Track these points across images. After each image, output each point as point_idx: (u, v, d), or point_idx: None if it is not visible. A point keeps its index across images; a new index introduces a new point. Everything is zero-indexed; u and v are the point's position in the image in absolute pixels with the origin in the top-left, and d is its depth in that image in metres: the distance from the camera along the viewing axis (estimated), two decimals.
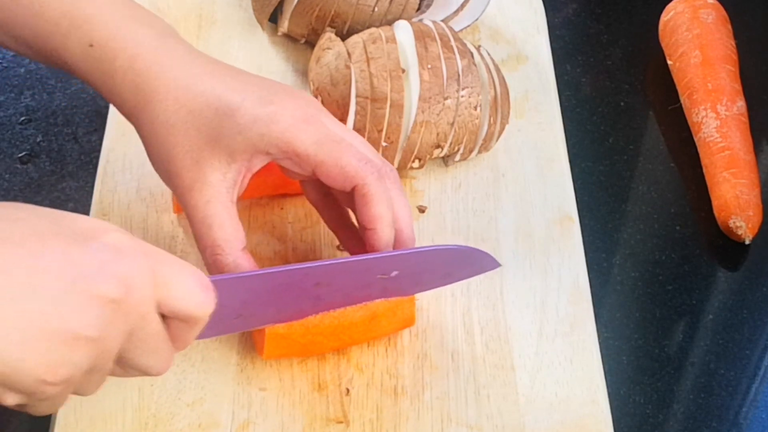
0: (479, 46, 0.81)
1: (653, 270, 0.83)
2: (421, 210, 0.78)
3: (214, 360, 0.68)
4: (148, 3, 0.87)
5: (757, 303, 0.82)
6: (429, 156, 0.77)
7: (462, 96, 0.76)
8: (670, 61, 0.95)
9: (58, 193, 0.85)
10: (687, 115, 0.91)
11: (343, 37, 0.82)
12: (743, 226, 0.83)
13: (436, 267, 0.67)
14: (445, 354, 0.70)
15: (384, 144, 0.75)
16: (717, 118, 0.88)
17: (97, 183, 0.77)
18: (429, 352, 0.70)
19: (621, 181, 0.89)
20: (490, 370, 0.69)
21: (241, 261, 0.63)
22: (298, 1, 0.83)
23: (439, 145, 0.77)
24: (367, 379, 0.68)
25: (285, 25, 0.85)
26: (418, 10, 0.86)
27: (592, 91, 0.96)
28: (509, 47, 0.90)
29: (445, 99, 0.76)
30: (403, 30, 0.78)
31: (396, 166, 0.77)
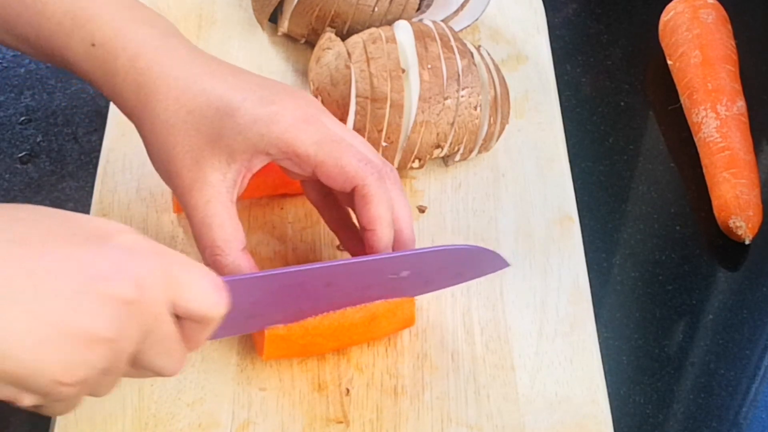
0: (479, 46, 0.81)
1: (653, 270, 0.83)
2: (421, 210, 0.78)
3: (214, 360, 0.68)
4: (149, 3, 0.87)
5: (757, 303, 0.82)
6: (429, 156, 0.77)
7: (462, 96, 0.76)
8: (670, 61, 0.95)
9: (58, 193, 0.85)
10: (687, 115, 0.91)
11: (343, 37, 0.82)
12: (743, 226, 0.83)
13: (446, 267, 0.67)
14: (445, 354, 0.70)
15: (384, 144, 0.75)
16: (717, 118, 0.88)
17: (97, 183, 0.77)
18: (429, 352, 0.70)
19: (621, 181, 0.89)
20: (490, 370, 0.69)
21: (241, 261, 0.63)
22: (298, 1, 0.83)
23: (439, 145, 0.77)
24: (367, 379, 0.68)
25: (285, 25, 0.85)
26: (418, 10, 0.86)
27: (592, 91, 0.96)
28: (509, 47, 0.90)
29: (445, 99, 0.76)
30: (403, 30, 0.78)
31: (396, 166, 0.77)
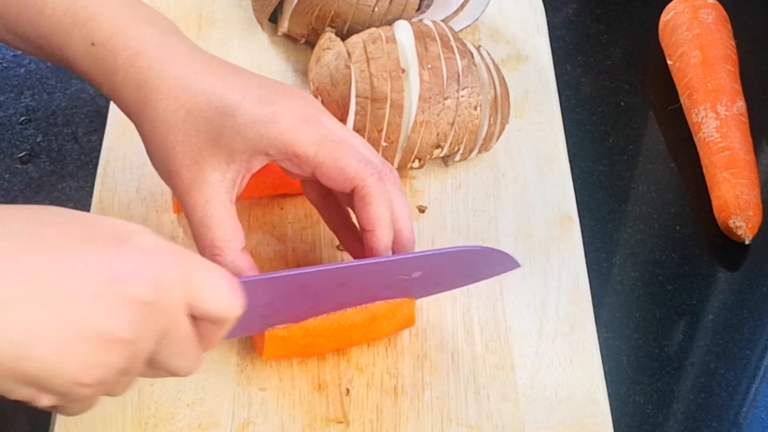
0: (479, 46, 0.81)
1: (653, 270, 0.83)
2: (421, 210, 0.78)
3: (214, 360, 0.68)
4: (148, 3, 0.87)
5: (757, 303, 0.82)
6: (429, 156, 0.77)
7: (462, 96, 0.76)
8: (670, 61, 0.95)
9: (58, 193, 0.85)
10: (687, 115, 0.91)
11: (343, 37, 0.82)
12: (743, 226, 0.83)
13: (457, 268, 0.68)
14: (445, 354, 0.70)
15: (384, 144, 0.75)
16: (717, 118, 0.88)
17: (97, 183, 0.77)
18: (429, 352, 0.70)
19: (621, 181, 0.89)
20: (490, 370, 0.69)
21: (240, 261, 0.63)
22: (298, 1, 0.83)
23: (439, 145, 0.77)
24: (367, 379, 0.68)
25: (285, 25, 0.85)
26: (418, 10, 0.86)
27: (592, 91, 0.96)
28: (509, 47, 0.90)
29: (445, 99, 0.76)
30: (403, 30, 0.78)
31: (396, 166, 0.77)
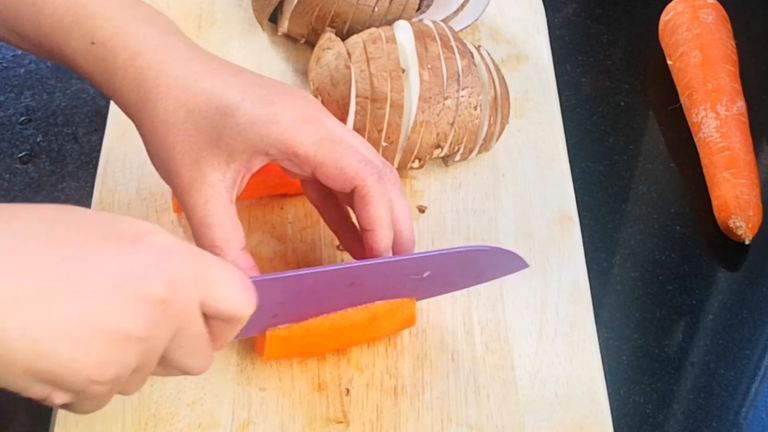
0: (479, 46, 0.81)
1: (653, 270, 0.83)
2: (421, 210, 0.78)
3: (214, 360, 0.68)
4: (149, 3, 0.87)
5: (757, 303, 0.82)
6: (429, 156, 0.77)
7: (462, 96, 0.76)
8: (670, 61, 0.95)
9: (58, 193, 0.85)
10: (687, 115, 0.91)
11: (343, 37, 0.82)
12: (743, 226, 0.83)
13: (466, 268, 0.68)
14: (445, 354, 0.70)
15: (384, 144, 0.75)
16: (717, 118, 0.88)
17: (97, 183, 0.77)
18: (429, 352, 0.70)
19: (621, 181, 0.89)
20: (490, 370, 0.69)
21: (240, 261, 0.63)
22: (298, 1, 0.83)
23: (439, 145, 0.77)
24: (367, 379, 0.68)
25: (285, 25, 0.85)
26: (418, 10, 0.86)
27: (592, 91, 0.96)
28: (509, 47, 0.90)
29: (445, 99, 0.76)
30: (403, 30, 0.78)
31: (396, 166, 0.77)
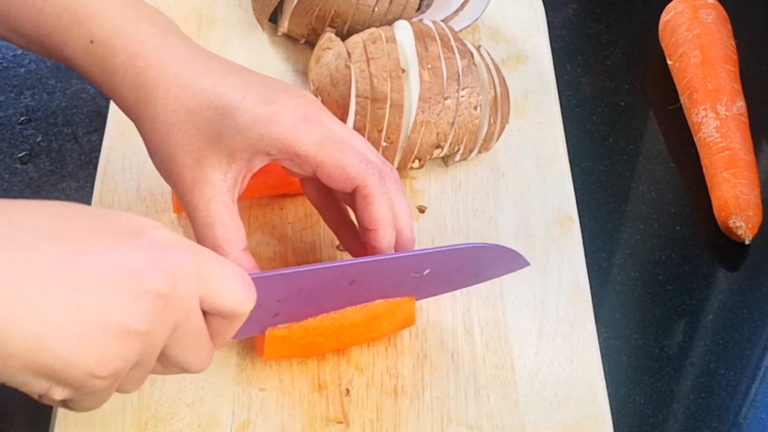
0: (479, 46, 0.81)
1: (653, 270, 0.83)
2: (421, 210, 0.78)
3: (215, 360, 0.68)
4: (149, 2, 0.87)
5: (757, 303, 0.82)
6: (429, 156, 0.77)
7: (462, 96, 0.76)
8: (670, 61, 0.95)
9: (58, 193, 0.85)
10: (687, 115, 0.91)
11: (343, 37, 0.82)
12: (743, 226, 0.83)
13: (467, 266, 0.68)
14: (445, 354, 0.70)
15: (384, 144, 0.75)
16: (717, 118, 0.88)
17: (97, 183, 0.77)
18: (429, 352, 0.70)
19: (621, 181, 0.89)
20: (490, 370, 0.69)
21: (242, 261, 0.63)
22: (298, 1, 0.83)
23: (439, 145, 0.77)
24: (367, 379, 0.68)
25: (285, 25, 0.85)
26: (418, 10, 0.86)
27: (592, 91, 0.96)
28: (509, 47, 0.90)
29: (445, 99, 0.76)
30: (403, 30, 0.78)
31: (396, 166, 0.77)
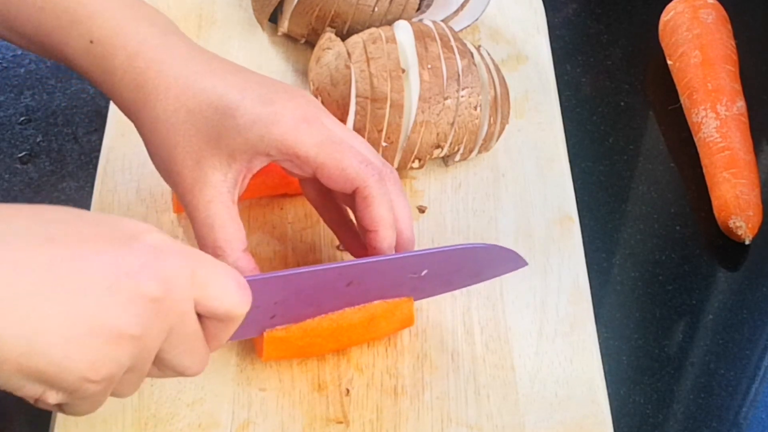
0: (479, 46, 0.81)
1: (653, 270, 0.83)
2: (421, 210, 0.78)
3: (214, 360, 0.68)
4: (149, 2, 0.87)
5: (757, 303, 0.82)
6: (429, 156, 0.77)
7: (462, 96, 0.76)
8: (670, 61, 0.95)
9: (58, 193, 0.85)
10: (687, 115, 0.91)
11: (343, 37, 0.82)
12: (743, 226, 0.83)
13: (465, 266, 0.67)
14: (445, 354, 0.70)
15: (384, 144, 0.75)
16: (717, 118, 0.88)
17: (97, 183, 0.77)
18: (429, 352, 0.70)
19: (621, 181, 0.89)
20: (490, 370, 0.69)
21: (242, 262, 0.63)
22: (298, 1, 0.83)
23: (439, 145, 0.77)
24: (367, 379, 0.68)
25: (285, 25, 0.85)
26: (418, 10, 0.86)
27: (592, 91, 0.96)
28: (509, 47, 0.90)
29: (445, 99, 0.76)
30: (403, 30, 0.78)
31: (396, 166, 0.77)
